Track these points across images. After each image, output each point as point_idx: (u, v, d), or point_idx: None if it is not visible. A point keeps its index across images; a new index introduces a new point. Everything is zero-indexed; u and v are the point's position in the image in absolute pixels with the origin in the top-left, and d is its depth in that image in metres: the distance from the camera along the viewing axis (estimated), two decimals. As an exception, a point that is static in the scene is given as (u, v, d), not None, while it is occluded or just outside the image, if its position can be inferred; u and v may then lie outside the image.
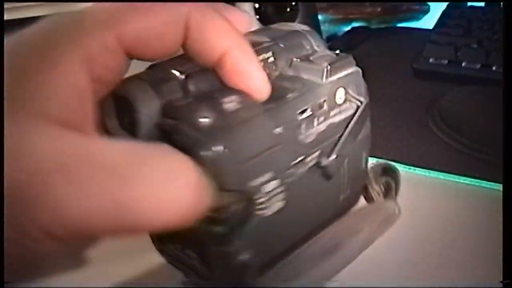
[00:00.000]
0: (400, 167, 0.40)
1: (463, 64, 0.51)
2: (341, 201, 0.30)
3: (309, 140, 0.26)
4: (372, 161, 0.32)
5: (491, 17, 0.58)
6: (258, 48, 0.27)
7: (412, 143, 0.43)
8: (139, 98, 0.23)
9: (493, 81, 0.48)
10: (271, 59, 0.27)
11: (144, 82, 0.24)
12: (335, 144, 0.27)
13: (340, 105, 0.27)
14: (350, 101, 0.28)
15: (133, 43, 0.20)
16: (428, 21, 0.65)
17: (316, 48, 0.29)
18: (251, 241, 0.25)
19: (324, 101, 0.27)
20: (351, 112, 0.28)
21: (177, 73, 0.24)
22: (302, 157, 0.26)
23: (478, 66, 0.51)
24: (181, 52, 0.24)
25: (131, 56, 0.21)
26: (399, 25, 0.68)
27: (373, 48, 0.60)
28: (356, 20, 0.69)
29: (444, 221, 0.35)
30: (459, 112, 0.44)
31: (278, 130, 0.24)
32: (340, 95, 0.27)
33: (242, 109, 0.23)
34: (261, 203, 0.24)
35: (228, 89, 0.24)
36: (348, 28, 0.66)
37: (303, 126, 0.26)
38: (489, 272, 0.30)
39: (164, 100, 0.23)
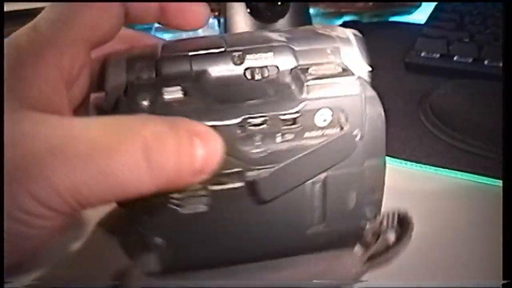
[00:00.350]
0: (391, 161, 0.40)
1: (455, 58, 0.51)
2: (309, 235, 0.27)
3: (258, 155, 0.24)
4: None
5: (483, 11, 0.57)
6: (258, 46, 0.25)
7: (403, 137, 0.43)
8: (110, 69, 0.24)
9: (485, 75, 0.48)
10: (269, 61, 0.25)
11: (122, 56, 0.25)
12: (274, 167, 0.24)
13: (322, 128, 0.24)
14: (340, 127, 0.25)
15: (92, 34, 0.24)
16: (421, 15, 0.65)
17: (343, 58, 0.26)
18: (164, 230, 0.25)
19: (295, 118, 0.24)
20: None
21: (158, 53, 0.25)
22: (238, 169, 0.24)
23: (470, 60, 0.50)
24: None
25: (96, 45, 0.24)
26: (391, 19, 0.68)
27: (364, 42, 0.59)
28: (348, 14, 0.68)
29: (438, 217, 0.35)
30: (451, 106, 0.44)
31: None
32: (323, 117, 0.24)
33: (182, 102, 0.23)
34: (177, 198, 0.24)
35: (183, 77, 0.24)
36: (339, 22, 0.66)
37: (257, 137, 0.24)
38: (489, 272, 0.29)
39: (134, 76, 0.24)
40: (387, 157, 0.38)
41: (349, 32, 0.27)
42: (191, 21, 0.26)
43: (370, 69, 0.26)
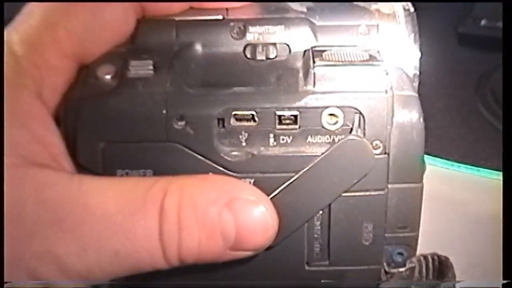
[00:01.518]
0: (440, 163, 0.37)
1: (525, 27, 0.45)
2: (309, 272, 0.23)
3: (239, 158, 0.21)
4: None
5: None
6: (266, 16, 0.23)
7: (456, 132, 0.41)
8: None
9: None
10: (278, 37, 0.22)
11: None
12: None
13: (331, 132, 0.21)
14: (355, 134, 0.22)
15: (81, 49, 0.21)
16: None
17: (382, 39, 0.23)
18: None
19: (296, 116, 0.21)
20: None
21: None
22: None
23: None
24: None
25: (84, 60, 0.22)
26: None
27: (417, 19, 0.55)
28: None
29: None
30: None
31: (181, 123, 0.21)
32: (333, 118, 0.21)
33: (148, 80, 0.21)
34: None
35: (162, 48, 0.22)
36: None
37: (242, 136, 0.21)
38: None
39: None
40: (433, 158, 0.36)
41: (399, 6, 0.23)
42: None
43: (419, 56, 0.23)
